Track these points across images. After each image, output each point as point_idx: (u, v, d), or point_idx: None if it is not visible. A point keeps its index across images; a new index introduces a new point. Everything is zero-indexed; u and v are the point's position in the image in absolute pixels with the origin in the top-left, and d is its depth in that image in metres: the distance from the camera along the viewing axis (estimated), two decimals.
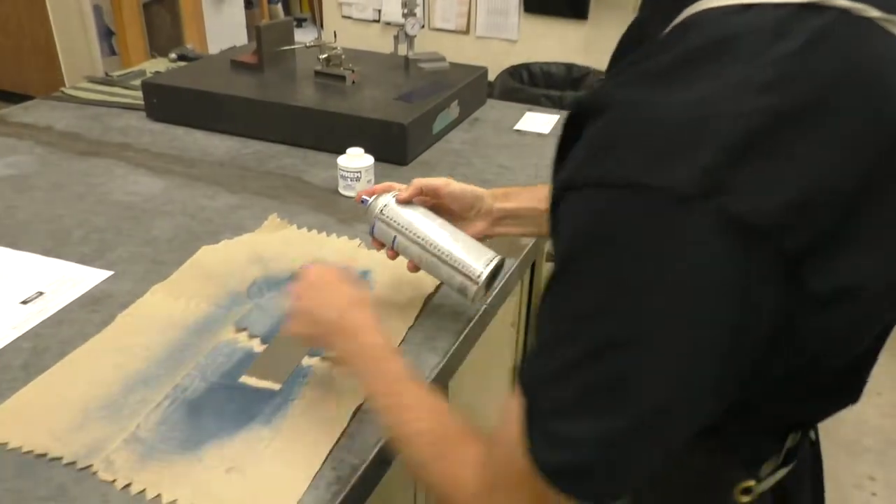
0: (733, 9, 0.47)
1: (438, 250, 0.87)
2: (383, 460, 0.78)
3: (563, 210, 0.49)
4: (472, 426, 0.62)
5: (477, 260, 0.86)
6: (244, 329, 0.92)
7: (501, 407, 0.55)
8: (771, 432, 0.64)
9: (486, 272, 0.85)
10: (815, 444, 0.72)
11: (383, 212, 0.89)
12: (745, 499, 0.64)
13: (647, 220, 0.44)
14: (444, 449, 0.61)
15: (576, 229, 0.47)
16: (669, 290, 0.44)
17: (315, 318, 0.77)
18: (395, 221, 0.89)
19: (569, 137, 0.51)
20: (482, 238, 0.92)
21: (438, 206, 0.92)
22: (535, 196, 0.91)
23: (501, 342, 1.34)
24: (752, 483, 0.64)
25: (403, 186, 0.92)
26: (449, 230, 0.88)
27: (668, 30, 0.50)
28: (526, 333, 1.46)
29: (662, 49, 0.49)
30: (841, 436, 2.11)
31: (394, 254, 0.91)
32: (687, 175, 0.43)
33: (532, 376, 0.52)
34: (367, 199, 0.91)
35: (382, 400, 0.69)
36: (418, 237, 0.87)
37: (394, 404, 0.68)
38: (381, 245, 0.92)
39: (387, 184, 0.94)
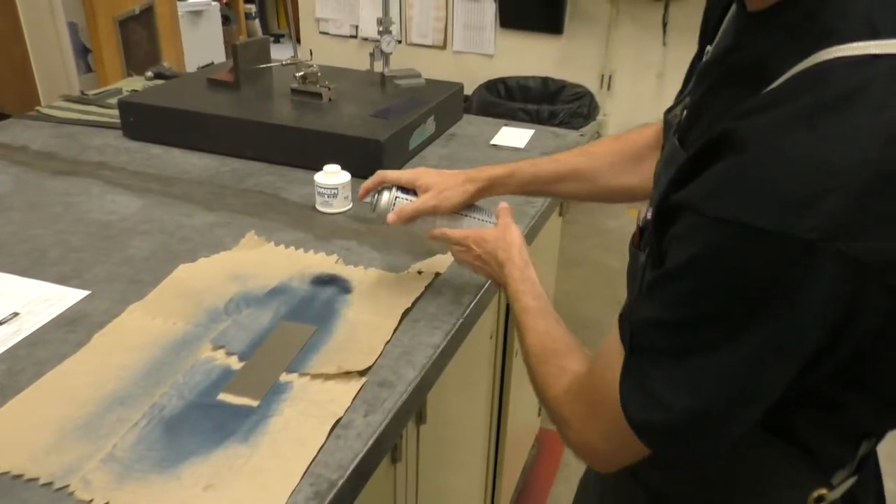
0: (863, 59, 0.51)
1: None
2: (361, 476, 0.78)
3: (683, 227, 0.56)
4: (580, 347, 0.77)
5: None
6: (222, 346, 0.93)
7: (606, 339, 0.67)
8: (847, 439, 0.67)
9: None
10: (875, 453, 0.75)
11: (395, 205, 1.00)
12: None
13: (766, 260, 0.51)
14: (547, 358, 0.76)
15: (701, 252, 0.54)
16: (780, 309, 0.52)
17: (493, 247, 0.93)
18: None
19: (702, 160, 0.56)
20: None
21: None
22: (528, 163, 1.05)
23: (480, 354, 1.35)
24: (824, 491, 0.67)
25: (392, 173, 1.02)
26: None
27: (795, 72, 0.54)
28: (504, 344, 1.47)
29: (798, 94, 0.52)
30: None
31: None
32: (812, 224, 0.49)
33: (641, 338, 0.61)
34: (369, 199, 1.02)
35: (518, 324, 0.84)
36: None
37: (521, 330, 0.83)
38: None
39: (379, 176, 1.02)
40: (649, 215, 0.75)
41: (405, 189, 1.01)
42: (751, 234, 0.51)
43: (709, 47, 0.75)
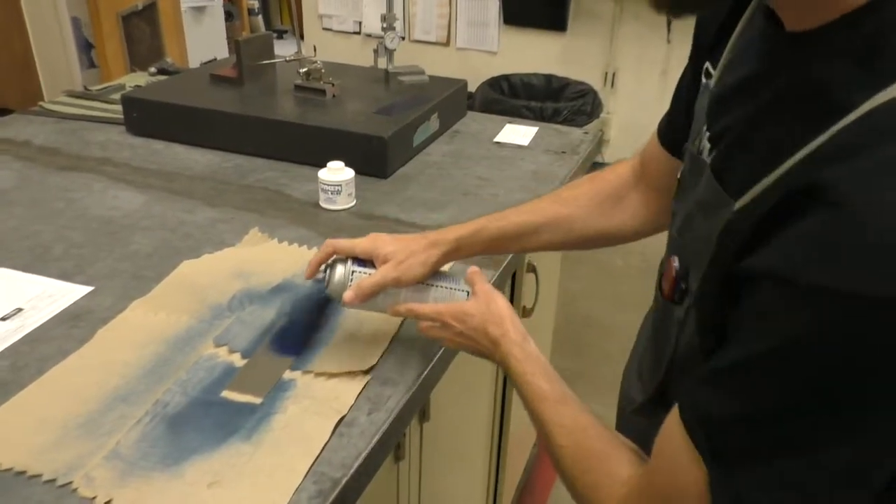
0: None
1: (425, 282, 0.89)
2: (364, 474, 0.78)
3: (768, 301, 0.48)
4: (621, 442, 0.66)
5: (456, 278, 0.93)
6: (225, 343, 0.93)
7: (663, 432, 0.58)
8: None
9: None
10: None
11: (352, 279, 0.87)
12: None
13: (885, 334, 0.43)
14: (588, 463, 0.66)
15: (801, 331, 0.46)
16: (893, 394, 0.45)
17: (483, 322, 0.81)
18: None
19: (776, 218, 0.48)
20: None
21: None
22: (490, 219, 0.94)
23: None
24: None
25: (345, 242, 0.89)
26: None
27: (878, 105, 0.46)
28: None
29: (892, 133, 0.45)
30: None
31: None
32: None
33: (727, 441, 0.52)
34: (321, 275, 0.89)
35: (535, 413, 0.73)
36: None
37: (541, 423, 0.72)
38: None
39: (329, 246, 0.90)
40: (677, 263, 0.66)
41: (361, 260, 0.88)
42: (864, 305, 0.43)
43: (708, 66, 0.69)
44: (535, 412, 0.73)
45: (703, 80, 0.70)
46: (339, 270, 0.87)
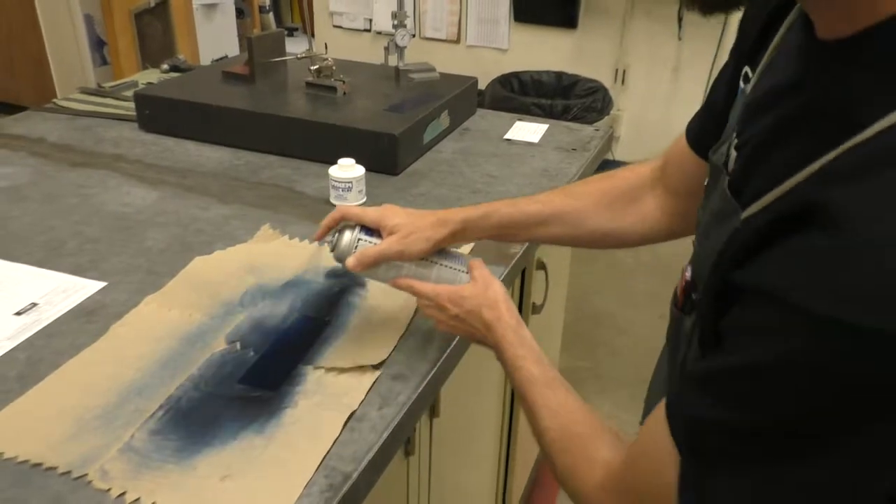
0: None
1: (430, 259, 0.90)
2: (375, 468, 0.79)
3: (759, 316, 0.47)
4: (604, 426, 0.67)
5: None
6: (237, 339, 0.93)
7: (648, 423, 0.59)
8: None
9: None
10: None
11: (357, 247, 0.89)
12: None
13: (874, 365, 0.42)
14: (570, 446, 0.67)
15: (787, 350, 0.45)
16: (885, 415, 0.43)
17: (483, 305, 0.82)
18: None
19: (776, 233, 0.47)
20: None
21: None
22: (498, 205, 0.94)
23: None
24: None
25: (356, 210, 0.90)
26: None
27: (890, 124, 0.44)
28: None
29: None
30: None
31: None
32: None
33: (701, 440, 0.52)
34: (329, 239, 0.91)
35: (524, 396, 0.74)
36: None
37: (529, 406, 0.73)
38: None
39: (339, 212, 0.91)
40: (689, 274, 0.66)
41: (369, 230, 0.89)
42: (857, 336, 0.41)
43: (747, 70, 0.66)
44: (525, 394, 0.74)
45: (742, 84, 0.68)
46: (346, 237, 0.89)
